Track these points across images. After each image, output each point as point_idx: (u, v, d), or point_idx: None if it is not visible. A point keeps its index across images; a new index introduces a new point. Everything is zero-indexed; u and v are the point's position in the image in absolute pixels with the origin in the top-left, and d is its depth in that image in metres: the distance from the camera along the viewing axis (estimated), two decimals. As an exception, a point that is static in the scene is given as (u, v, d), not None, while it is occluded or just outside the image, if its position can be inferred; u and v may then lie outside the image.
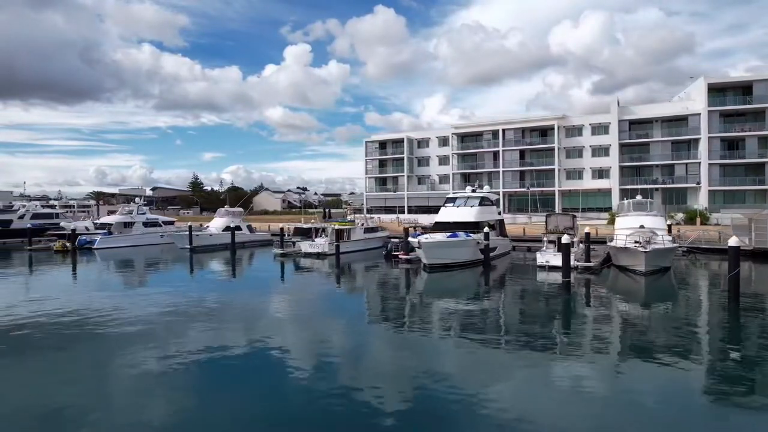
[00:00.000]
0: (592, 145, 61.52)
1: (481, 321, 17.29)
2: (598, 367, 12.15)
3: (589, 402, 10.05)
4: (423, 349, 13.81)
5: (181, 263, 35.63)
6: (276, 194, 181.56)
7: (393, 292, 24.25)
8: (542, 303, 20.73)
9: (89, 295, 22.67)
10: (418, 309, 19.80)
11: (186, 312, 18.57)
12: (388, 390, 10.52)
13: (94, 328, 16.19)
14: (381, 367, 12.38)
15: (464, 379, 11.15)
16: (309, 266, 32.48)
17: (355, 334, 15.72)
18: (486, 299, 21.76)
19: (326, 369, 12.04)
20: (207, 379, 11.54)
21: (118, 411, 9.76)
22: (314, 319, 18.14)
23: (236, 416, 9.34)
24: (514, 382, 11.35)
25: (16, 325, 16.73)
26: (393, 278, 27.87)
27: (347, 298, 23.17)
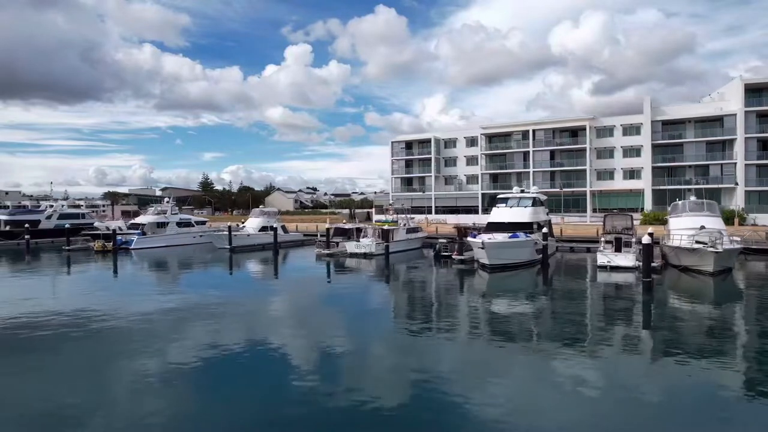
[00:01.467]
0: (624, 146, 61.09)
1: (571, 323, 16.98)
2: (711, 369, 11.89)
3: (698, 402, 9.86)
4: (522, 355, 13.39)
5: (227, 264, 35.68)
6: (288, 194, 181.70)
7: (467, 294, 23.54)
8: (622, 303, 20.47)
9: (146, 296, 22.68)
10: (504, 311, 19.52)
11: (243, 313, 18.54)
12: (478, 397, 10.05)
13: (153, 328, 16.23)
14: (469, 372, 11.98)
15: (570, 385, 10.83)
16: (356, 267, 32.30)
17: (447, 341, 15.14)
18: (563, 300, 21.41)
19: (401, 371, 11.79)
20: (264, 377, 11.45)
21: (155, 404, 9.85)
22: (385, 320, 18.07)
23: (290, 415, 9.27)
24: (621, 384, 10.96)
25: (79, 323, 16.76)
26: (452, 279, 27.59)
27: (417, 299, 22.90)
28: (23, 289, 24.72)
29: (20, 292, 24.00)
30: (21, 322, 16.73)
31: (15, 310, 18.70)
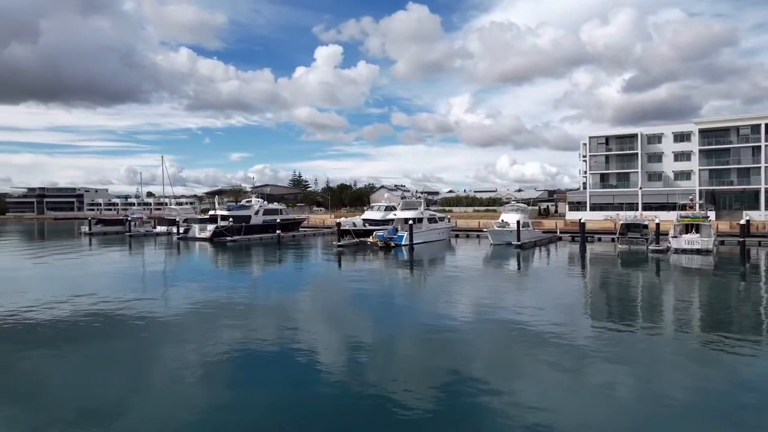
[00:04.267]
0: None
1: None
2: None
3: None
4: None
5: (524, 261, 35.48)
6: (394, 192, 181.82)
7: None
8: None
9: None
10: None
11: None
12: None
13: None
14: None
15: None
16: (688, 264, 30.77)
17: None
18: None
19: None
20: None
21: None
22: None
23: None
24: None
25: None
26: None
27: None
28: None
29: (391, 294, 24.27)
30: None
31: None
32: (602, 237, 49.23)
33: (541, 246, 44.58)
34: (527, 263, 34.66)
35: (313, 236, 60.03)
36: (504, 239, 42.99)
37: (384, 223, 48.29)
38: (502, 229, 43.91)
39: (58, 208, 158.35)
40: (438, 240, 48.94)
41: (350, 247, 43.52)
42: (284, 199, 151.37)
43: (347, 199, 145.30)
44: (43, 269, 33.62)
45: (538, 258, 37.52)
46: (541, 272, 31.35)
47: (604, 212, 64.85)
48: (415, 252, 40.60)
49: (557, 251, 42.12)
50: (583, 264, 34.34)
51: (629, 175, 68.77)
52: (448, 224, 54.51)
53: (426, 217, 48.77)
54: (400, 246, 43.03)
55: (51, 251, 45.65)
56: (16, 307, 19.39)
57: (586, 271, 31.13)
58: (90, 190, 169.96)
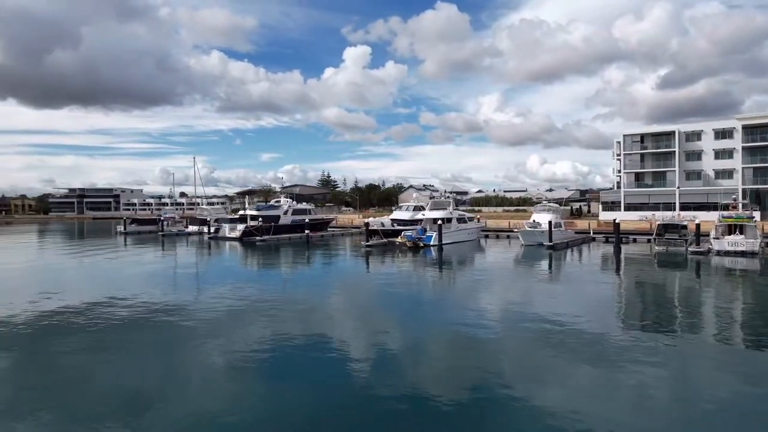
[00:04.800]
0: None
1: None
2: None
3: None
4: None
5: (559, 263, 34.67)
6: (422, 192, 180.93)
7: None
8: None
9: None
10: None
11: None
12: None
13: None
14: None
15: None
16: (731, 266, 29.70)
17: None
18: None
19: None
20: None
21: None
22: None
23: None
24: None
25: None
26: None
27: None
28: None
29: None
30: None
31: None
32: (637, 238, 47.69)
33: (573, 247, 43.46)
34: (559, 264, 33.79)
35: (342, 236, 60.15)
36: (535, 240, 42.08)
37: (412, 223, 47.98)
38: (534, 230, 43.00)
39: (96, 208, 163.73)
40: (467, 240, 48.30)
41: (378, 248, 43.35)
42: (313, 199, 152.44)
43: (375, 199, 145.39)
44: (83, 267, 34.68)
45: (570, 259, 36.55)
46: (573, 274, 30.48)
47: (639, 212, 62.91)
48: (444, 252, 40.13)
49: (590, 252, 40.97)
50: (618, 265, 33.26)
51: (666, 173, 66.47)
52: (477, 224, 53.76)
53: (455, 217, 48.15)
54: (429, 246, 42.60)
55: (90, 250, 47.16)
56: (58, 303, 20.07)
57: (621, 273, 30.13)
58: (126, 190, 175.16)
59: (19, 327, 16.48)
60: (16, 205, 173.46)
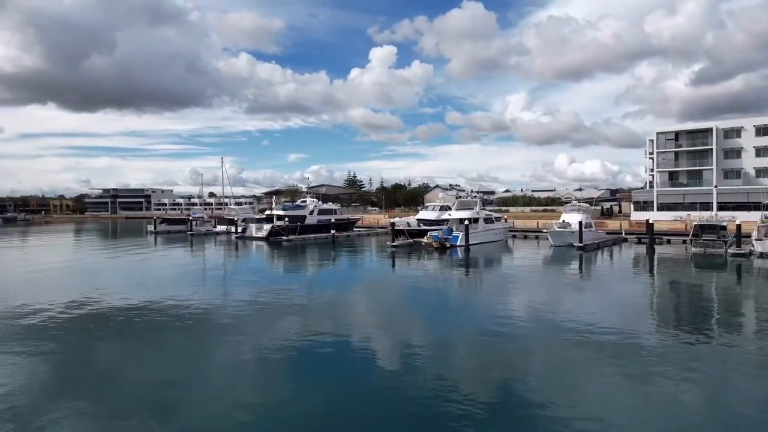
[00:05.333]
0: None
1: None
2: None
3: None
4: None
5: (591, 264, 33.59)
6: (448, 192, 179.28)
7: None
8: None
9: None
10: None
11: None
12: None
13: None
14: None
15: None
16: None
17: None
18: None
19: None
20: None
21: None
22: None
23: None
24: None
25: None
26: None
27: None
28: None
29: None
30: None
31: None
32: (672, 239, 46.06)
33: (604, 248, 42.23)
34: (590, 266, 32.84)
35: (367, 236, 60.00)
36: (565, 240, 41.04)
37: (439, 223, 47.45)
38: (563, 230, 41.95)
39: (128, 208, 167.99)
40: (494, 241, 47.51)
41: (404, 248, 42.99)
42: (339, 199, 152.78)
43: (401, 199, 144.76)
44: (117, 265, 35.48)
45: (601, 260, 35.51)
46: (605, 275, 29.56)
47: (673, 212, 60.74)
48: (470, 253, 39.56)
49: (622, 253, 39.76)
50: (652, 267, 32.09)
51: (702, 172, 63.95)
52: (505, 224, 52.83)
53: (482, 217, 47.38)
54: (455, 247, 42.04)
55: (122, 248, 48.28)
56: (94, 300, 20.74)
57: (655, 275, 29.04)
58: (156, 190, 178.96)
59: (58, 323, 16.96)
60: (54, 205, 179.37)
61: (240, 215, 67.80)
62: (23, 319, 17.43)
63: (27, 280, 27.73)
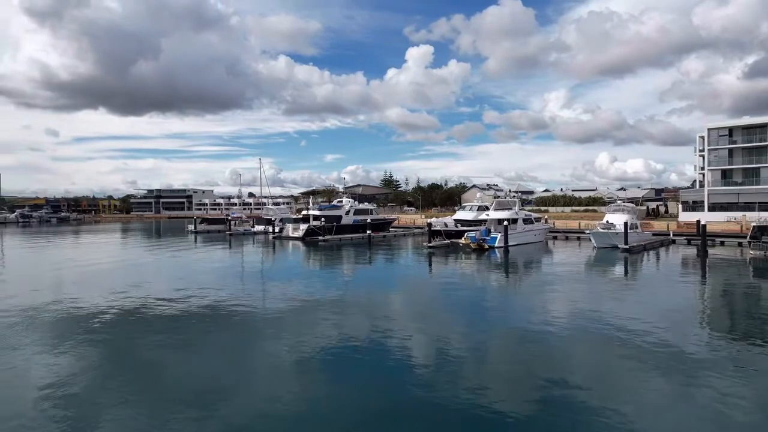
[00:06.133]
0: None
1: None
2: None
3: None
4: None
5: (635, 267, 32.25)
6: (486, 191, 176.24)
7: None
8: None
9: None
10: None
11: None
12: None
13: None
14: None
15: None
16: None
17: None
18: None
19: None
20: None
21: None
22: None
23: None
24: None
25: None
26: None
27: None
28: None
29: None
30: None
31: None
32: (725, 241, 43.63)
33: (651, 250, 40.36)
34: (637, 268, 31.38)
35: (404, 236, 59.59)
36: (609, 242, 39.44)
37: (476, 224, 46.55)
38: (607, 231, 40.32)
39: (171, 208, 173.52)
40: (534, 242, 46.21)
41: (441, 249, 42.34)
42: (375, 199, 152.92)
43: (438, 199, 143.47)
44: (160, 263, 36.53)
45: (649, 263, 33.90)
46: (653, 279, 28.16)
47: (727, 213, 57.58)
48: (509, 254, 38.56)
49: (671, 256, 37.89)
50: (704, 271, 30.30)
51: (759, 170, 60.23)
52: (544, 225, 51.35)
53: (521, 218, 46.12)
54: (494, 248, 41.08)
55: (165, 247, 49.77)
56: (139, 297, 21.58)
57: (707, 280, 27.38)
58: (198, 191, 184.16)
59: (108, 317, 17.96)
60: (103, 205, 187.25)
61: (277, 215, 68.66)
62: (76, 313, 18.48)
63: (79, 277, 28.87)
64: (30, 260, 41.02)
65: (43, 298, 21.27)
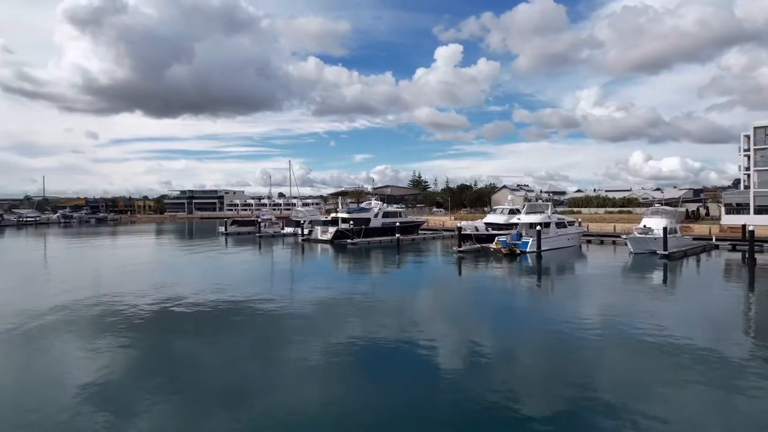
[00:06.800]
0: None
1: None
2: None
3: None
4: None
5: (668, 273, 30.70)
6: (517, 192, 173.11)
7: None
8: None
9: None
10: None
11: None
12: None
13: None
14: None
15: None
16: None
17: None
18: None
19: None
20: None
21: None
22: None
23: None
24: None
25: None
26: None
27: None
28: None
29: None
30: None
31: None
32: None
33: (692, 256, 38.66)
34: (677, 276, 30.03)
35: (432, 239, 58.92)
36: (647, 247, 37.91)
37: (507, 227, 45.57)
38: (645, 236, 38.77)
39: (203, 208, 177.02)
40: (567, 246, 44.89)
41: (471, 254, 41.57)
42: (404, 200, 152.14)
43: (467, 200, 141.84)
44: (192, 265, 37.35)
45: (690, 270, 32.44)
46: (695, 287, 26.88)
47: None
48: (542, 260, 37.53)
49: (714, 262, 36.19)
50: (752, 279, 28.71)
51: (808, 171, 57.30)
52: (578, 229, 49.82)
53: (553, 222, 44.87)
54: (525, 253, 40.08)
55: (197, 249, 50.79)
56: (171, 298, 22.46)
57: (756, 288, 25.91)
58: (229, 192, 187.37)
59: (144, 317, 18.86)
60: (138, 206, 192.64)
61: (307, 217, 68.92)
62: (116, 312, 19.61)
63: (119, 277, 29.93)
64: (72, 260, 42.77)
65: (84, 297, 22.52)
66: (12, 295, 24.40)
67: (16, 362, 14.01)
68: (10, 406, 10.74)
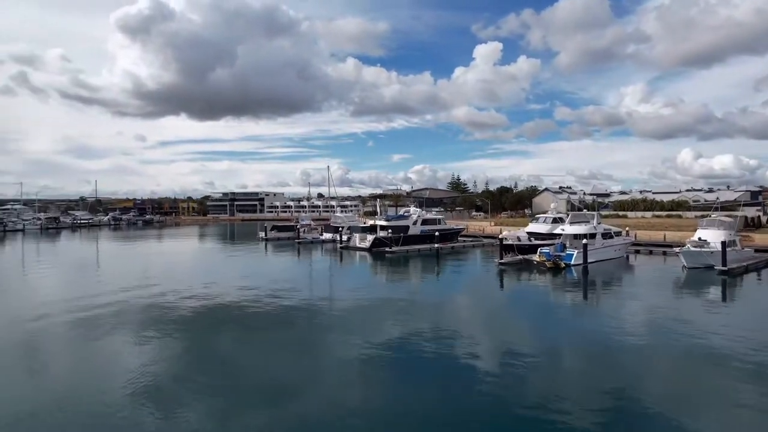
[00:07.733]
0: None
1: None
2: None
3: None
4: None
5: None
6: (559, 195, 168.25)
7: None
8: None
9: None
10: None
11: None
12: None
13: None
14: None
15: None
16: None
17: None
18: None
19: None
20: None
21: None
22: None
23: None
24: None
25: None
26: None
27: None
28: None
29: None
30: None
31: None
32: None
33: (754, 271, 36.18)
34: (738, 293, 28.24)
35: (473, 247, 57.79)
36: (703, 262, 35.68)
37: (551, 237, 44.07)
38: (701, 250, 36.53)
39: (244, 210, 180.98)
40: (613, 258, 42.95)
41: (513, 266, 40.38)
42: (443, 203, 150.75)
43: (507, 203, 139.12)
44: (236, 269, 38.20)
45: (753, 287, 30.41)
46: (759, 305, 25.04)
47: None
48: (588, 274, 36.04)
49: (781, 279, 33.81)
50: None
51: None
52: (626, 239, 47.60)
53: (599, 232, 43.06)
54: (570, 266, 38.55)
55: (239, 254, 52.03)
56: (215, 300, 24.77)
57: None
58: (269, 194, 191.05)
59: (190, 318, 21.04)
60: (183, 207, 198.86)
61: (345, 223, 69.02)
62: (164, 312, 21.90)
63: (166, 279, 31.94)
64: (121, 262, 45.14)
65: (133, 297, 24.95)
66: (72, 292, 27.57)
67: (72, 353, 16.25)
68: (63, 395, 12.04)
